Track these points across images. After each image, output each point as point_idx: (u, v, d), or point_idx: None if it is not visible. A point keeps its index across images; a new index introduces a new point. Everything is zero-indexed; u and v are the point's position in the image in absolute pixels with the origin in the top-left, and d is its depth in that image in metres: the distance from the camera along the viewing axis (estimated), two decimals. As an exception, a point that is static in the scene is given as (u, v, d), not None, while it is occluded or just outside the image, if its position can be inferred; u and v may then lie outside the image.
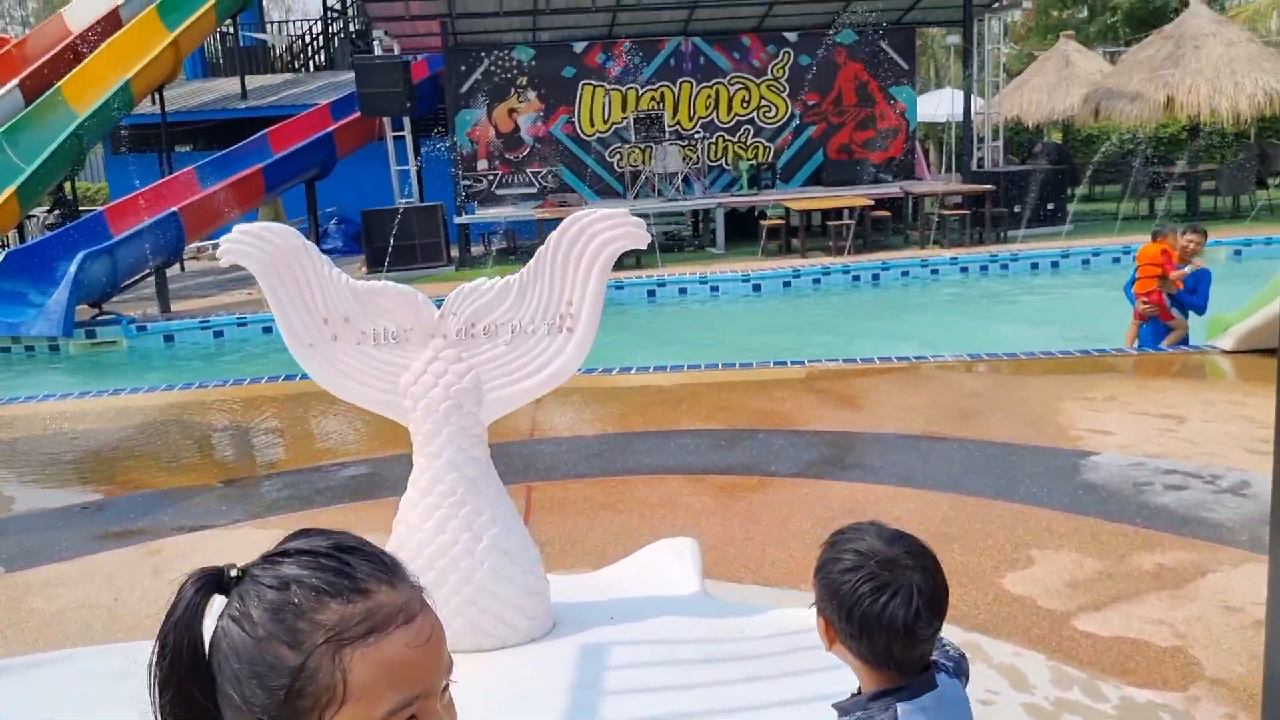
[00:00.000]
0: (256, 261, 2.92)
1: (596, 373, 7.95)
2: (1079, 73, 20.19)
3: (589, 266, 2.85)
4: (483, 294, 2.95)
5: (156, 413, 7.69)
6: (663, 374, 7.88)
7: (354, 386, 2.97)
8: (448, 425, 2.89)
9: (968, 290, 12.83)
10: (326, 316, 2.93)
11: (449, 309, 2.95)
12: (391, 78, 15.02)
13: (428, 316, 2.94)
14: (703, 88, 17.85)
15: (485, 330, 2.93)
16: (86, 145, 14.25)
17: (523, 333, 2.93)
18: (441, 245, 15.51)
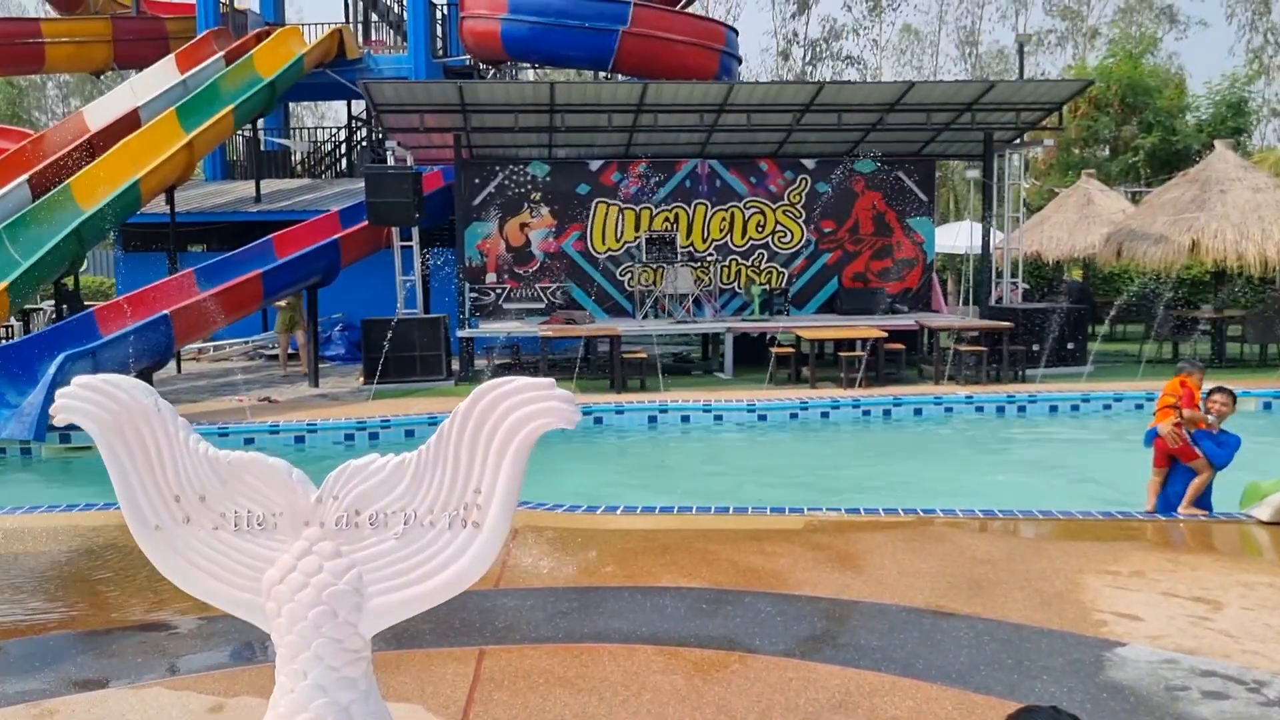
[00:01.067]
0: (95, 421, 2.44)
1: (580, 511, 7.39)
2: (1100, 211, 19.98)
3: (503, 448, 2.33)
4: (372, 474, 2.43)
5: (94, 535, 7.15)
6: (651, 516, 7.30)
7: (206, 581, 2.44)
8: (318, 637, 2.34)
9: (983, 432, 12.26)
10: (178, 493, 2.42)
11: (329, 490, 2.44)
12: (401, 188, 14.84)
13: (303, 498, 2.43)
14: (718, 210, 17.65)
15: (372, 519, 2.40)
16: (87, 243, 14.04)
17: (419, 525, 2.40)
18: (442, 358, 15.12)
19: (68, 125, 17.72)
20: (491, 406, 2.34)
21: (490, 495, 2.35)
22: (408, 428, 11.72)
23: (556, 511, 7.40)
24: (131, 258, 20.03)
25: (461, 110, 15.27)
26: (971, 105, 15.89)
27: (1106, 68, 28.21)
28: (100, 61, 22.78)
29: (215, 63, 19.34)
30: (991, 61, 44.60)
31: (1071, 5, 44.57)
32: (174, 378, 16.47)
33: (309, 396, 14.20)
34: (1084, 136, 27.92)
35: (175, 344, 12.48)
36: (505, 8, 18.54)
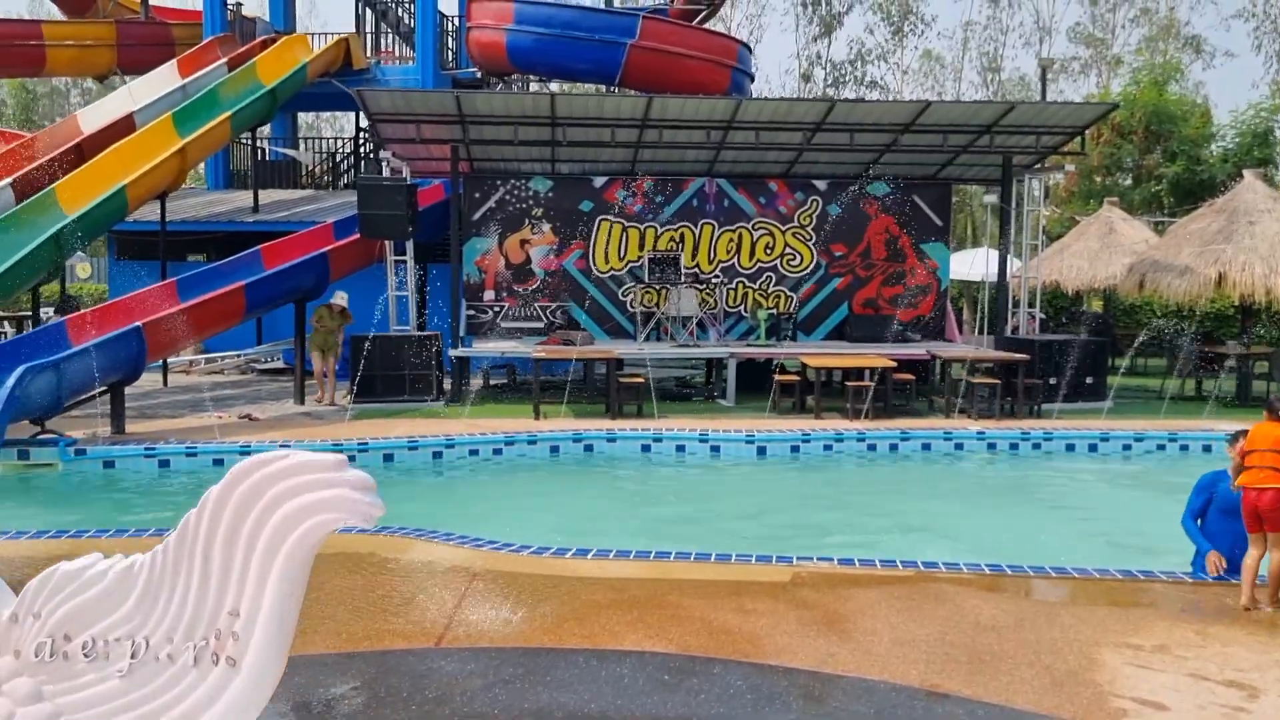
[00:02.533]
0: None
1: (548, 554, 6.76)
2: (1123, 240, 19.29)
3: (270, 554, 1.67)
4: (87, 584, 1.78)
5: (21, 567, 6.56)
6: (624, 562, 6.67)
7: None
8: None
9: (994, 471, 11.58)
10: None
11: (28, 605, 1.77)
12: (394, 200, 14.32)
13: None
14: (725, 230, 17.06)
15: (87, 649, 1.72)
16: (67, 250, 13.51)
17: (152, 659, 1.70)
18: (433, 377, 14.55)
19: (61, 129, 17.27)
20: (254, 494, 1.70)
21: (252, 621, 1.67)
22: (387, 451, 11.13)
23: (522, 554, 6.78)
24: (124, 265, 19.59)
25: (460, 121, 14.75)
26: (990, 127, 15.26)
27: (1131, 94, 27.51)
28: (103, 66, 22.38)
29: (218, 69, 18.87)
30: (1014, 88, 43.92)
31: (1095, 33, 43.91)
32: (158, 390, 15.95)
33: (292, 414, 13.64)
34: (1106, 164, 27.21)
35: (147, 357, 11.91)
36: (511, 19, 18.04)
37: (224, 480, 1.71)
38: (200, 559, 1.71)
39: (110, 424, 11.81)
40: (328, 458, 1.71)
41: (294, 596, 1.68)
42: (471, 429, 12.05)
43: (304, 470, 1.65)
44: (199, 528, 1.72)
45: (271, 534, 1.65)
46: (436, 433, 11.70)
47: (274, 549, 1.64)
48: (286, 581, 1.63)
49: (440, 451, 11.30)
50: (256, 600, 1.66)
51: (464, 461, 11.32)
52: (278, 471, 1.66)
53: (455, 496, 10.22)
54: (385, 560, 6.69)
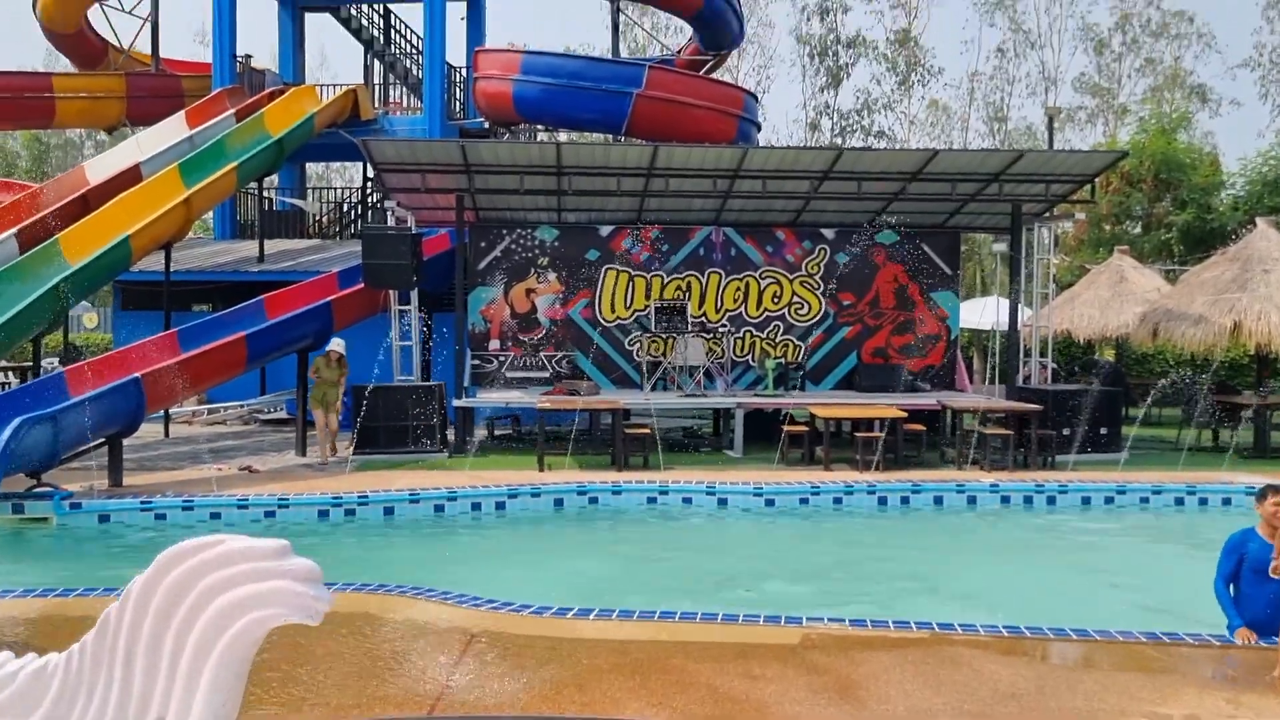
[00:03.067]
0: None
1: (549, 614, 6.52)
2: (1134, 289, 19.12)
3: (201, 654, 1.46)
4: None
5: (9, 627, 6.34)
6: (628, 623, 6.42)
7: None
8: None
9: (1008, 525, 11.30)
10: None
11: None
12: (399, 249, 14.23)
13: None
14: (732, 279, 16.93)
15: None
16: (68, 301, 13.41)
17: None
18: (437, 428, 14.35)
19: (67, 179, 17.27)
20: (184, 585, 1.49)
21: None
22: (387, 505, 10.90)
23: (522, 614, 6.54)
24: (129, 315, 19.50)
25: (465, 171, 14.70)
26: (999, 175, 15.16)
27: (1139, 143, 27.49)
28: (112, 118, 22.51)
29: (225, 120, 18.93)
30: (1020, 138, 44.02)
31: (1101, 83, 44.10)
32: (159, 441, 15.79)
33: (293, 466, 13.45)
34: (1116, 212, 27.12)
35: (146, 409, 11.74)
36: (517, 69, 18.08)
37: (150, 569, 1.51)
38: (122, 659, 1.51)
39: (108, 476, 11.63)
40: (268, 544, 1.51)
41: (229, 704, 1.48)
42: (474, 481, 11.83)
43: (240, 559, 1.45)
44: (121, 623, 1.52)
45: (203, 632, 1.45)
46: (439, 485, 11.49)
47: (206, 649, 1.44)
48: (220, 686, 1.43)
49: (442, 505, 11.07)
50: (185, 706, 1.45)
51: (466, 515, 11.10)
52: (211, 560, 1.46)
53: (456, 551, 9.98)
54: (379, 620, 6.45)
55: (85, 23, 24.48)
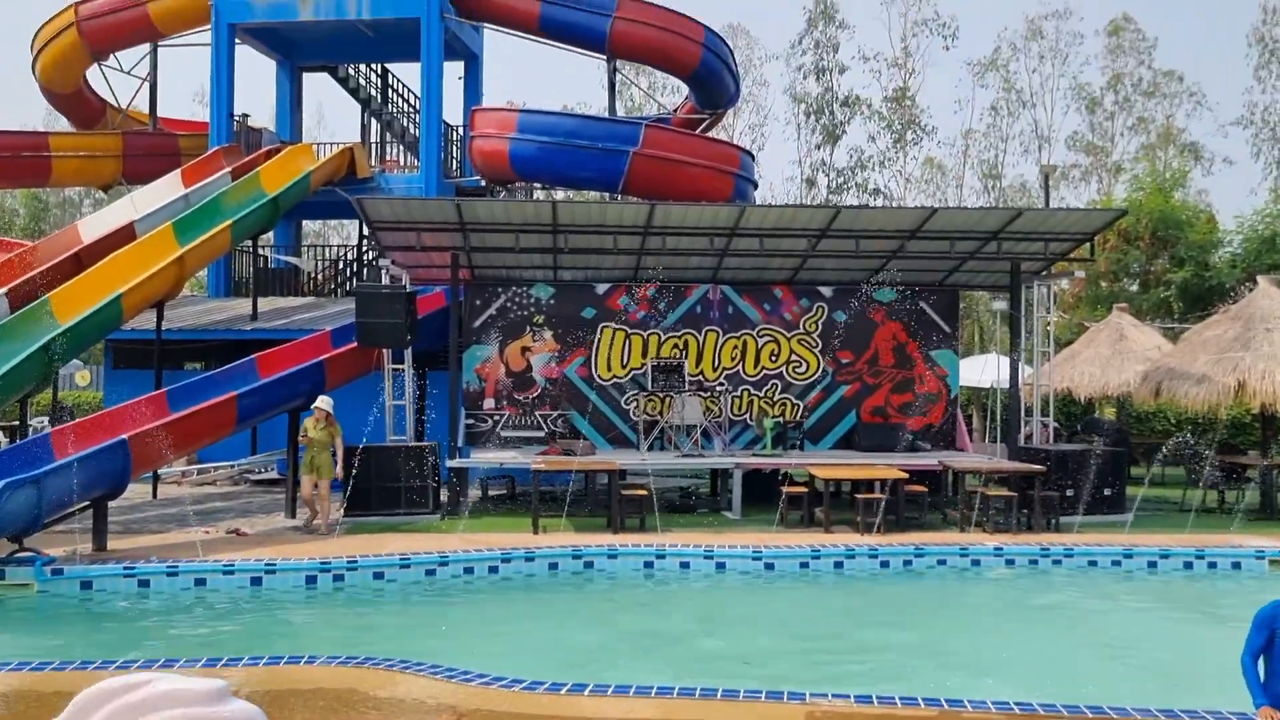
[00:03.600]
0: None
1: (542, 690, 6.25)
2: (1134, 347, 18.98)
3: None
4: None
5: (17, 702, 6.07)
6: (625, 699, 6.16)
7: None
8: None
9: (1014, 590, 11.03)
10: None
11: None
12: (393, 308, 14.08)
13: None
14: (729, 338, 16.79)
15: None
16: (57, 360, 13.22)
17: None
18: (429, 489, 14.09)
19: (61, 238, 17.17)
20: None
21: None
22: (377, 570, 10.62)
23: (514, 690, 6.27)
24: (120, 374, 19.30)
25: (460, 229, 14.61)
26: (998, 234, 15.09)
27: (1136, 200, 27.57)
28: (108, 176, 22.55)
29: (221, 178, 18.90)
30: (1015, 195, 44.27)
31: (1095, 141, 44.47)
32: (146, 503, 15.48)
33: (282, 529, 13.16)
34: (1113, 270, 27.12)
35: (133, 471, 11.50)
36: (514, 127, 18.12)
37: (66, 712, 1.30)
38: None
39: (92, 540, 11.34)
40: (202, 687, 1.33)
41: None
42: (467, 545, 11.56)
43: (170, 703, 1.25)
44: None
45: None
46: (430, 549, 11.22)
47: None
48: None
49: (434, 569, 10.80)
50: None
51: (458, 580, 10.82)
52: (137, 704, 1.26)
53: (447, 619, 9.69)
54: (363, 698, 6.19)
55: (84, 83, 24.63)
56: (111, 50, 23.30)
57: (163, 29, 22.79)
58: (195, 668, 6.94)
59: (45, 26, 23.35)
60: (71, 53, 23.00)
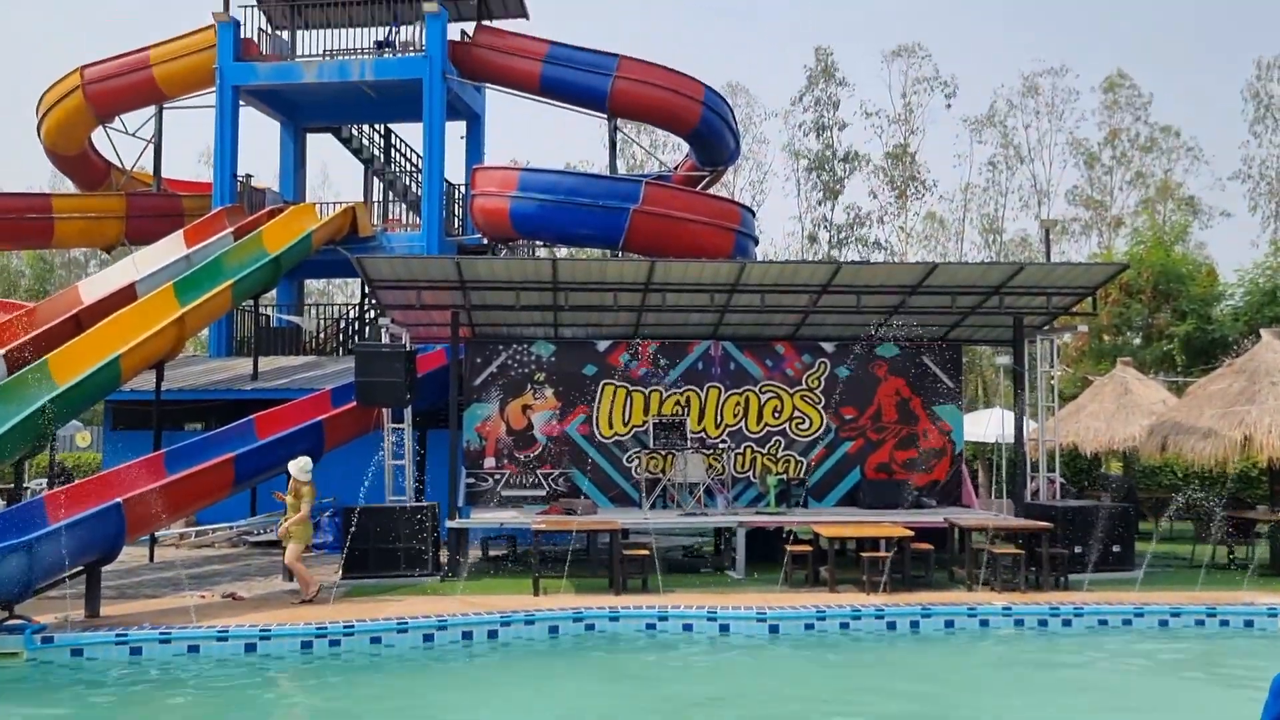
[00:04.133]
0: None
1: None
2: (1139, 401, 18.85)
3: None
4: None
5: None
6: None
7: None
8: None
9: (1024, 651, 10.80)
10: None
11: None
12: (392, 366, 14.02)
13: None
14: (731, 394, 16.69)
15: None
16: (52, 423, 13.13)
17: None
18: (428, 550, 13.91)
19: (62, 299, 17.20)
20: None
21: None
22: (374, 635, 10.43)
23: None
24: (119, 435, 19.22)
25: (460, 287, 14.59)
26: (1000, 288, 15.05)
27: (1136, 254, 27.62)
28: (112, 238, 22.66)
29: (224, 238, 18.97)
30: (1016, 249, 44.47)
31: (1094, 195, 44.72)
32: (143, 566, 15.30)
33: (279, 593, 12.97)
34: (1116, 323, 27.07)
35: (127, 535, 11.35)
36: (515, 185, 18.22)
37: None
38: None
39: (85, 606, 11.16)
40: None
41: None
42: (466, 607, 11.37)
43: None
44: None
45: None
46: (428, 613, 11.02)
47: None
48: None
49: (431, 634, 10.60)
50: None
51: (456, 645, 10.61)
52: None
53: (446, 686, 9.50)
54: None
55: (89, 145, 24.89)
56: (117, 113, 23.57)
57: (167, 91, 23.08)
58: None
59: (50, 90, 23.65)
60: (77, 115, 23.27)
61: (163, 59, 22.76)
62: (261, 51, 22.88)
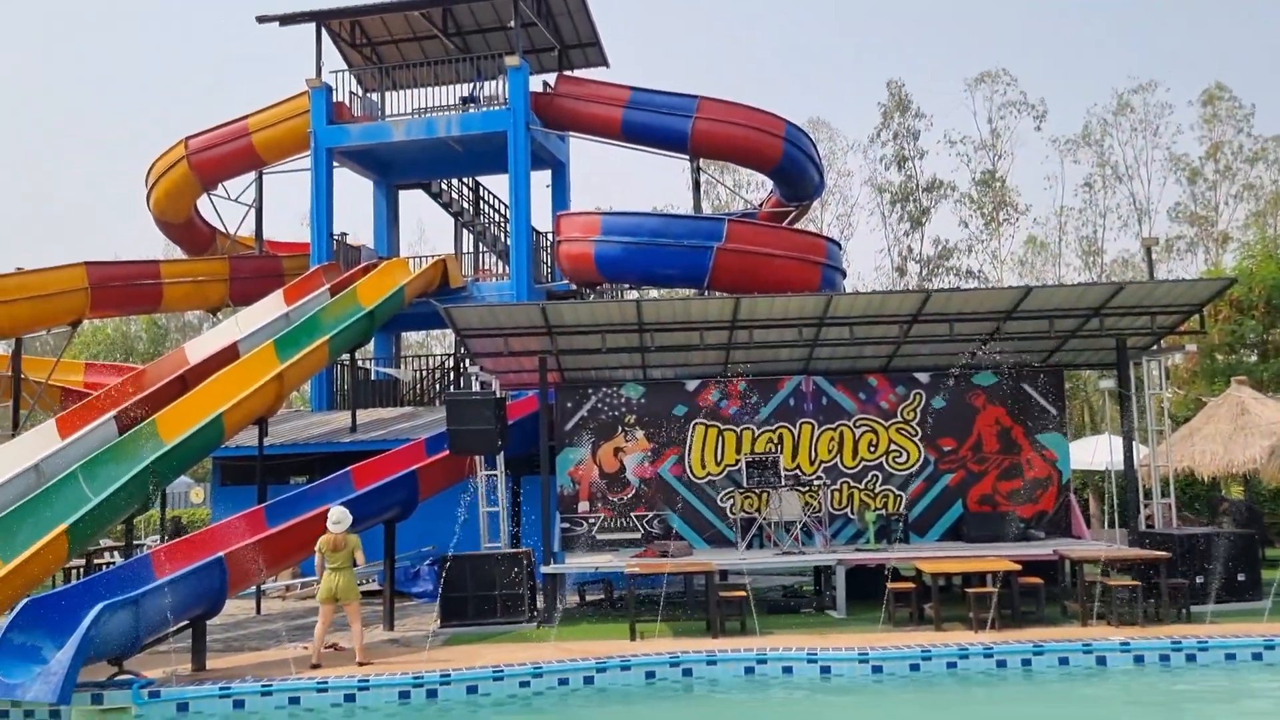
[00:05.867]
0: None
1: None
2: (1258, 421, 17.94)
3: None
4: None
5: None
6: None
7: None
8: None
9: (1147, 690, 10.26)
10: None
11: None
12: (483, 414, 14.11)
13: None
14: (825, 429, 16.38)
15: None
16: (159, 481, 13.53)
17: None
18: (524, 596, 13.92)
19: (169, 360, 17.79)
20: None
21: None
22: (470, 684, 10.40)
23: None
24: (227, 491, 19.73)
25: (547, 332, 14.67)
26: (1099, 309, 14.53)
27: (1247, 269, 26.50)
28: (216, 300, 23.41)
29: (321, 295, 19.47)
30: (1118, 270, 43.11)
31: (1198, 211, 43.18)
32: (250, 619, 15.62)
33: (379, 642, 13.08)
34: (1229, 341, 25.95)
35: (230, 589, 11.57)
36: (598, 230, 18.33)
37: None
38: None
39: (191, 660, 11.40)
40: None
41: None
42: (562, 654, 11.28)
43: None
44: None
45: None
46: (524, 660, 10.96)
47: None
48: None
49: (528, 681, 10.53)
50: None
51: (554, 691, 10.52)
52: None
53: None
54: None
55: (195, 212, 25.91)
56: (219, 180, 24.50)
57: (266, 157, 23.93)
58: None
59: (158, 161, 24.72)
60: (183, 184, 24.28)
61: (261, 126, 23.63)
62: (353, 114, 23.59)
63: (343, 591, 11.51)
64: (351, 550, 11.64)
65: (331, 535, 11.56)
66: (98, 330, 44.26)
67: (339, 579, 11.52)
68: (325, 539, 11.59)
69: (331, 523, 11.61)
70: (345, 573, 11.56)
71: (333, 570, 11.52)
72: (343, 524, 11.59)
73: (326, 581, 11.50)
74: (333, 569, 11.52)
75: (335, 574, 11.52)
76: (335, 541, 11.55)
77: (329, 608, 11.57)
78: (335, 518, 11.62)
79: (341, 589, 11.51)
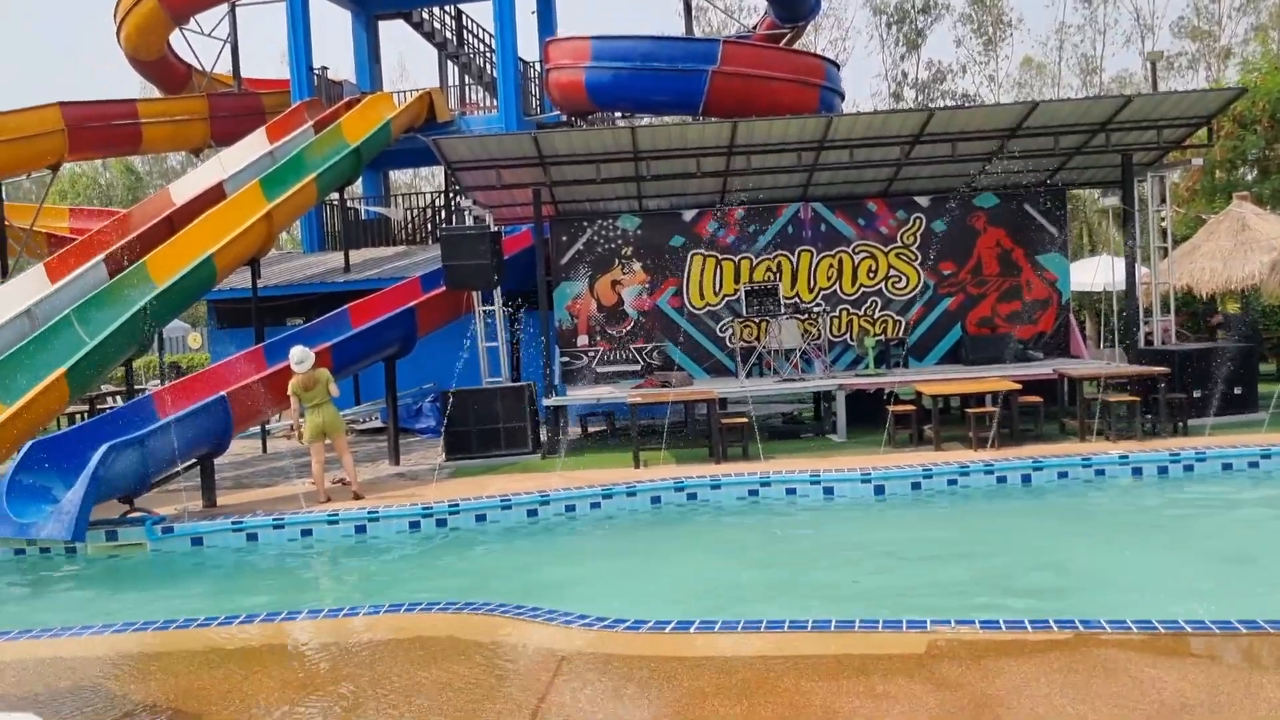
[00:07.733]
0: None
1: (645, 629, 6.03)
2: (1259, 237, 17.77)
3: None
4: None
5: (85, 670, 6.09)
6: (733, 635, 5.90)
7: None
8: None
9: (1144, 500, 10.42)
10: None
11: None
12: (478, 249, 13.90)
13: None
14: (824, 256, 16.21)
15: None
16: (154, 323, 13.39)
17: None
18: (528, 429, 14.02)
19: (153, 203, 17.38)
20: None
21: None
22: (479, 512, 10.54)
23: (617, 631, 6.06)
24: (223, 334, 19.66)
25: (540, 163, 14.29)
26: (1105, 125, 14.16)
27: (1250, 82, 25.74)
28: (198, 140, 22.73)
29: (305, 132, 18.96)
30: (1117, 89, 42.08)
31: (1201, 26, 41.85)
32: (257, 458, 15.80)
33: (386, 476, 13.22)
34: (1230, 158, 25.45)
35: (234, 428, 11.60)
36: (588, 56, 17.63)
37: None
38: None
39: (201, 497, 11.53)
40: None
41: None
42: (568, 482, 11.42)
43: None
44: None
45: None
46: (531, 489, 11.09)
47: None
48: None
49: (535, 509, 10.68)
50: None
51: (561, 518, 10.68)
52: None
53: (550, 558, 9.57)
54: (465, 646, 6.03)
55: (168, 49, 24.87)
56: (190, 13, 23.40)
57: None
58: (296, 619, 6.93)
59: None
60: (152, 18, 23.16)
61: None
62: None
63: (330, 425, 11.43)
64: (325, 384, 11.44)
65: (300, 375, 11.32)
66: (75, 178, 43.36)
67: (322, 415, 11.37)
68: (295, 381, 11.35)
69: (295, 363, 11.33)
70: (326, 407, 11.42)
71: (313, 408, 11.36)
72: (306, 362, 11.32)
73: (311, 419, 11.36)
74: (313, 406, 11.36)
75: (317, 410, 11.36)
76: (306, 381, 11.34)
77: (319, 445, 11.45)
78: (297, 358, 11.33)
79: (328, 424, 11.42)
